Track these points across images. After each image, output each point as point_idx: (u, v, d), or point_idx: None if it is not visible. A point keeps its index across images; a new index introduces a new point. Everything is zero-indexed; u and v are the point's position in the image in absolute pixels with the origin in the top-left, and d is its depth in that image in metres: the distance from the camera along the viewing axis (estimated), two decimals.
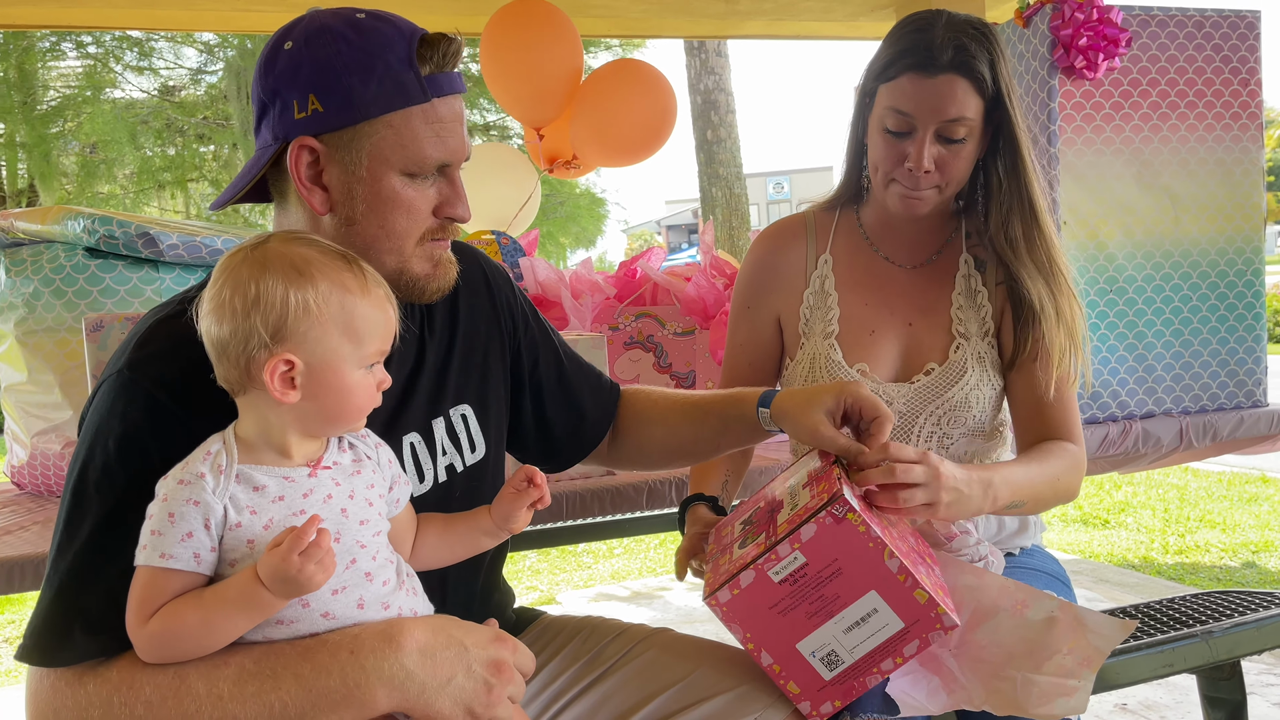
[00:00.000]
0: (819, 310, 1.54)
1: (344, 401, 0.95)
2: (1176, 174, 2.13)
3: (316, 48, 1.03)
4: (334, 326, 0.93)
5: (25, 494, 2.12)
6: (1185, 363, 2.16)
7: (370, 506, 0.98)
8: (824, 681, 1.12)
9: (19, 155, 10.57)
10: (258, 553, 0.89)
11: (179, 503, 0.88)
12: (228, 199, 1.12)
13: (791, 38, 4.34)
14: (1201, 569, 4.07)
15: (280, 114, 1.04)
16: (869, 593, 1.10)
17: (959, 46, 1.34)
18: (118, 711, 0.90)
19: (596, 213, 13.10)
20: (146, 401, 0.96)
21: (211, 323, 0.92)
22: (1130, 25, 2.07)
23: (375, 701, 0.91)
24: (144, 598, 0.89)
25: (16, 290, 2.00)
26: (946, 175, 1.40)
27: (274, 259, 0.93)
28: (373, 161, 1.05)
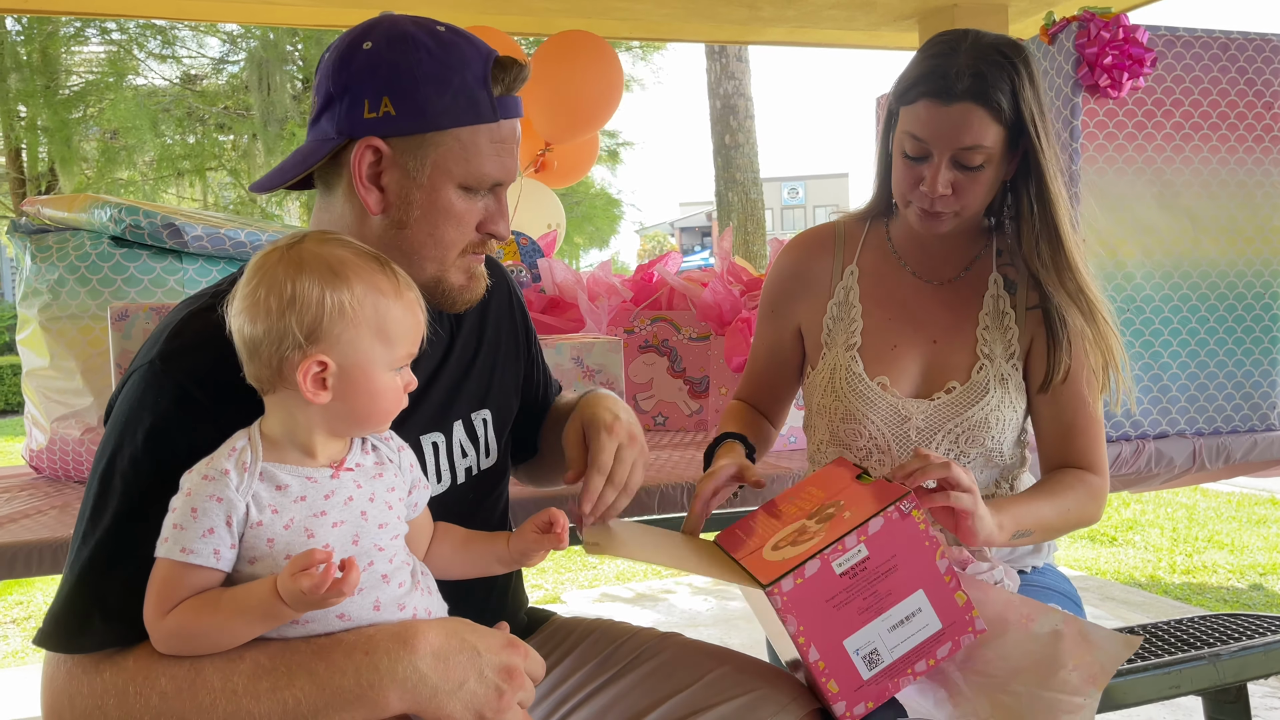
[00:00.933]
0: (842, 321, 1.53)
1: (373, 403, 0.96)
2: (1197, 195, 2.13)
3: (397, 52, 1.05)
4: (367, 329, 0.94)
5: (43, 478, 2.14)
6: (1200, 384, 2.16)
7: (390, 510, 0.99)
8: (862, 681, 1.13)
9: (40, 139, 10.63)
10: (277, 551, 0.90)
11: (202, 498, 0.89)
12: (274, 184, 1.13)
13: (813, 45, 4.35)
14: (1208, 590, 4.06)
15: (348, 110, 1.05)
16: (917, 591, 1.13)
17: (977, 74, 1.32)
18: (133, 701, 0.91)
19: (611, 213, 13.12)
20: (176, 394, 0.97)
21: (244, 321, 0.93)
22: (1155, 45, 2.07)
23: (387, 702, 0.92)
24: (162, 591, 0.90)
25: (41, 276, 2.02)
26: (963, 200, 1.39)
27: (310, 260, 0.93)
28: (435, 171, 1.07)
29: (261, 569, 0.91)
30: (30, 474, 2.19)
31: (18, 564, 1.61)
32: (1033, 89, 1.36)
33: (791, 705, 1.18)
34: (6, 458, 8.26)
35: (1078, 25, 2.01)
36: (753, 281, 2.54)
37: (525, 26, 4.16)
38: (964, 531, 1.23)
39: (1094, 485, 1.46)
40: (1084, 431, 1.47)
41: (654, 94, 62.77)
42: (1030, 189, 1.42)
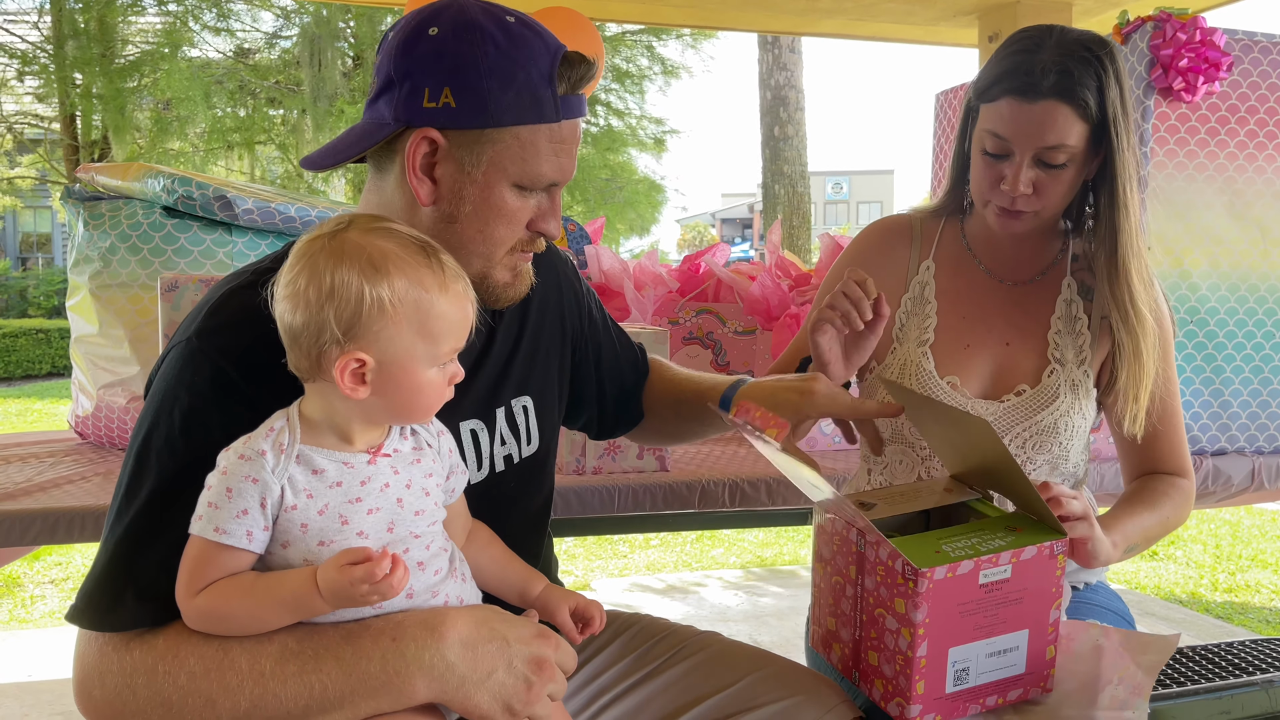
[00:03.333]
0: (916, 317, 1.50)
1: (414, 399, 0.93)
2: (1269, 206, 2.06)
3: (463, 42, 1.01)
4: (408, 326, 0.90)
5: (88, 444, 2.16)
6: (1263, 401, 2.09)
7: (427, 496, 0.97)
8: (943, 693, 1.11)
9: (95, 107, 10.79)
10: (310, 537, 0.89)
11: (238, 478, 0.87)
12: (326, 164, 1.10)
13: (869, 39, 4.29)
14: (1251, 610, 3.97)
15: (407, 97, 1.02)
16: (1023, 630, 1.14)
17: (1063, 71, 1.28)
18: (161, 680, 0.90)
19: (654, 199, 13.08)
20: (213, 372, 0.96)
21: (286, 309, 0.91)
22: (1232, 50, 2.00)
23: (414, 690, 0.91)
24: (194, 569, 0.89)
25: (93, 244, 2.03)
26: (1044, 199, 1.36)
27: (351, 250, 0.89)
28: (490, 168, 1.04)
29: (294, 554, 0.90)
30: (75, 439, 2.22)
31: (60, 529, 1.62)
32: (1118, 87, 1.31)
33: (832, 713, 1.16)
34: (53, 420, 8.42)
35: (1153, 25, 1.95)
36: (801, 276, 2.50)
37: (581, 10, 4.13)
38: (1082, 556, 1.22)
39: (1185, 489, 1.44)
40: (1167, 436, 1.45)
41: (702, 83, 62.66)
42: (1105, 192, 1.38)
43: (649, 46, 11.54)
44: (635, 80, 11.57)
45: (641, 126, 11.96)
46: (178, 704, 0.90)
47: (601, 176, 11.56)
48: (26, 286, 15.33)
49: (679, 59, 12.71)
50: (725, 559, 4.70)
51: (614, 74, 11.48)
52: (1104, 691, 1.16)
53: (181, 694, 0.90)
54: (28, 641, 3.41)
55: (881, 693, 1.14)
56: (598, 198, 11.56)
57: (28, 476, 1.84)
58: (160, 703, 0.90)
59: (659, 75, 11.68)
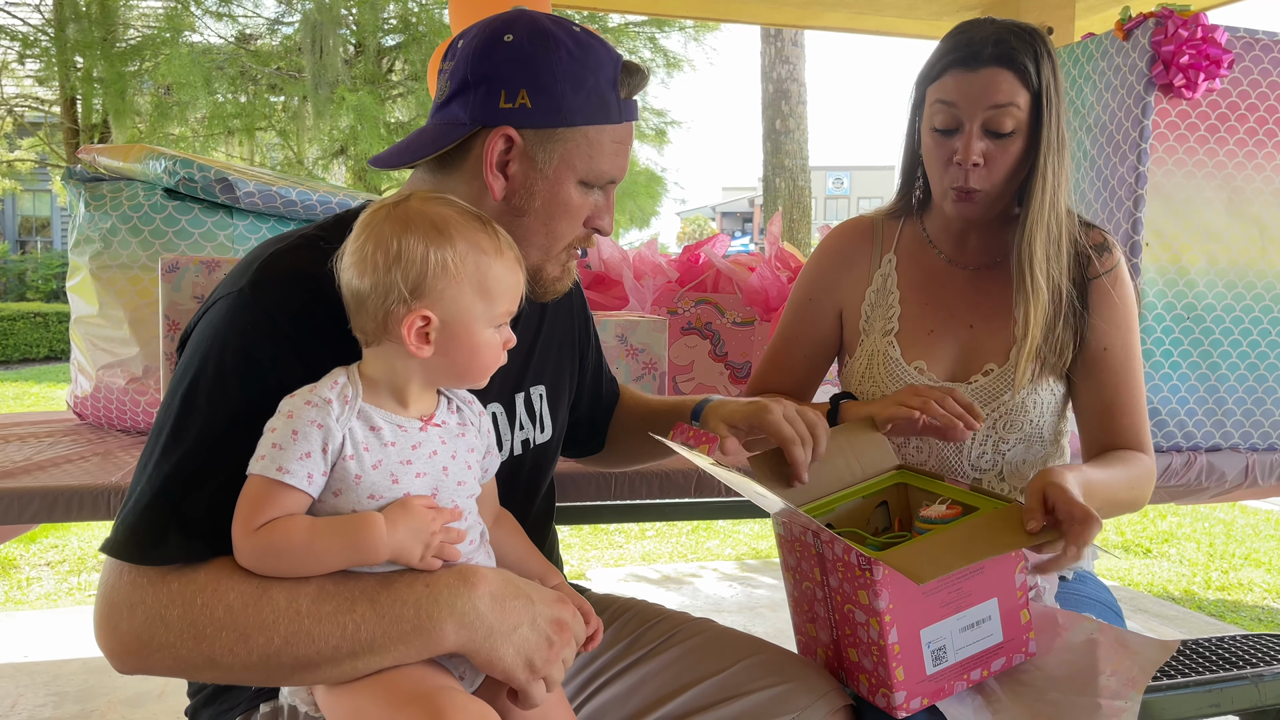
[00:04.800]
0: (879, 308, 1.55)
1: (473, 358, 0.99)
2: (1268, 204, 2.07)
3: (539, 48, 1.10)
4: (469, 285, 0.96)
5: (86, 425, 2.16)
6: (1258, 398, 2.10)
7: (469, 470, 1.02)
8: (924, 675, 1.13)
9: (95, 90, 10.76)
10: (362, 489, 0.93)
11: (304, 422, 0.91)
12: (399, 162, 1.16)
13: (872, 33, 4.29)
14: (1243, 608, 3.99)
15: (484, 98, 1.09)
16: (992, 599, 1.15)
17: (1000, 40, 1.35)
18: (198, 612, 0.91)
19: (654, 191, 13.06)
20: (268, 323, 0.99)
21: (353, 275, 0.96)
22: (1234, 47, 2.00)
23: (444, 636, 0.93)
24: (254, 507, 0.91)
25: (94, 225, 2.03)
26: (994, 171, 1.39)
27: (415, 218, 0.96)
28: (561, 165, 1.12)
29: (344, 503, 0.93)
30: (74, 420, 2.22)
31: (58, 508, 1.63)
32: (1051, 64, 1.37)
33: (823, 700, 1.17)
34: (51, 403, 8.43)
35: (1155, 22, 1.95)
36: (800, 268, 2.50)
37: (583, 1, 4.13)
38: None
39: (1146, 464, 1.45)
40: (1126, 410, 1.46)
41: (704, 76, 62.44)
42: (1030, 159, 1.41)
43: (651, 38, 11.51)
44: None
45: (643, 118, 11.94)
46: (210, 636, 0.91)
47: None
48: (25, 270, 15.31)
49: (681, 51, 12.69)
50: (720, 550, 4.71)
51: None
52: (1095, 681, 1.17)
53: (216, 627, 0.91)
54: (23, 623, 3.42)
55: (867, 687, 1.15)
56: None
57: (26, 455, 1.85)
58: (192, 635, 0.91)
59: (661, 68, 11.66)
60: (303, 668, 0.93)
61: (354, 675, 0.93)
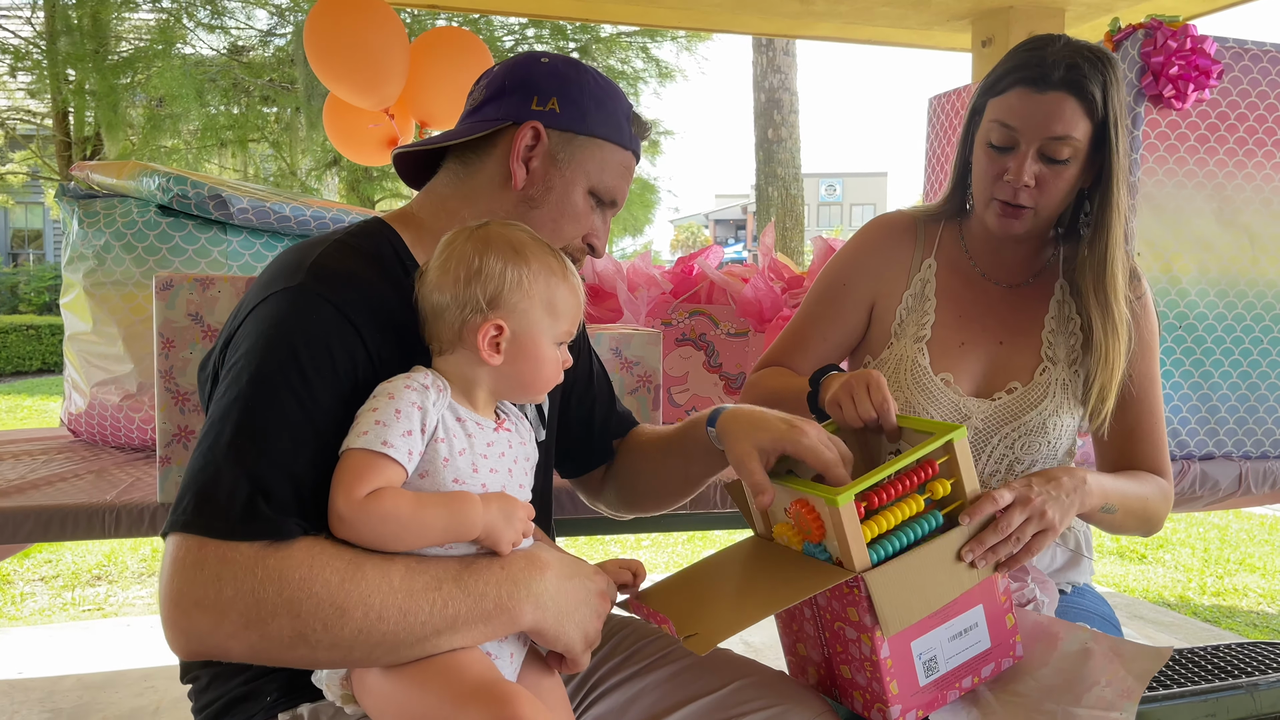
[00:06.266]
0: (915, 313, 1.52)
1: (538, 370, 1.08)
2: (1258, 213, 2.08)
3: (572, 70, 1.25)
4: (539, 302, 1.06)
5: (80, 442, 2.16)
6: (1250, 406, 2.11)
7: (526, 474, 1.11)
8: (918, 687, 1.13)
9: (87, 103, 10.74)
10: (447, 473, 1.00)
11: (406, 402, 0.98)
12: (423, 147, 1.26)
13: (864, 42, 4.30)
14: (1239, 613, 3.99)
15: (519, 101, 1.22)
16: (977, 606, 1.17)
17: (1073, 65, 1.32)
18: (295, 589, 0.92)
19: (648, 199, 13.08)
20: (333, 312, 1.04)
21: (434, 289, 1.05)
22: (1223, 58, 2.02)
23: (523, 615, 1.01)
24: (358, 476, 0.95)
25: (88, 242, 2.03)
26: (1045, 195, 1.38)
27: (495, 239, 1.06)
28: (576, 168, 1.23)
29: (429, 484, 1.00)
30: (68, 437, 2.22)
31: (53, 527, 1.62)
32: (1119, 93, 1.35)
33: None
34: (44, 416, 8.39)
35: (1144, 33, 1.97)
36: (794, 279, 2.51)
37: (576, 12, 4.14)
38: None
39: (1165, 487, 1.46)
40: (1146, 436, 1.47)
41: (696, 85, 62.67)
42: (1098, 197, 1.40)
43: (644, 48, 11.54)
44: (630, 82, 11.57)
45: None
46: (308, 612, 0.93)
47: None
48: (17, 282, 15.27)
49: (674, 61, 12.73)
50: None
51: (608, 75, 11.48)
52: (1090, 691, 1.17)
53: (314, 602, 0.93)
54: (18, 639, 3.40)
55: (862, 703, 1.15)
56: None
57: (20, 474, 1.84)
58: (289, 611, 0.92)
59: (654, 78, 11.69)
60: (390, 644, 0.95)
61: (427, 654, 0.97)
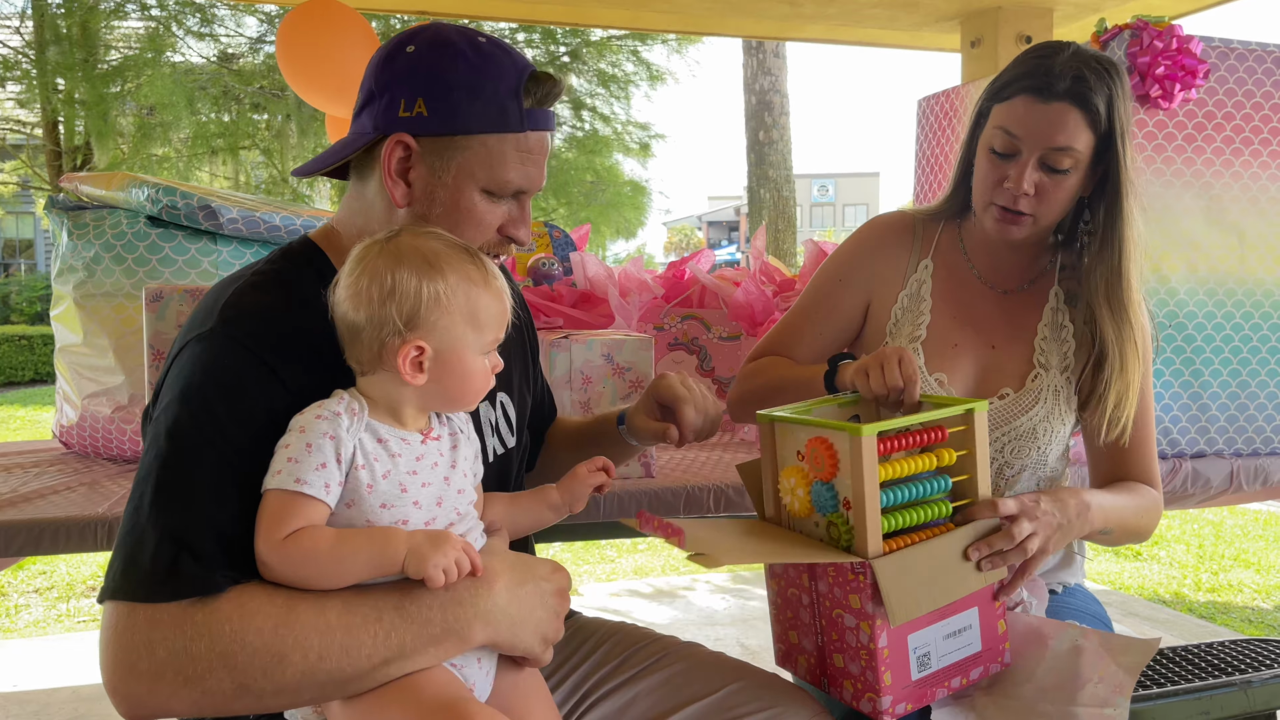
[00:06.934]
0: (910, 313, 1.53)
1: (465, 384, 1.03)
2: (1246, 211, 2.09)
3: (436, 57, 1.11)
4: (460, 316, 1.01)
5: (72, 454, 2.15)
6: (1241, 404, 2.12)
7: (466, 477, 1.07)
8: (909, 681, 1.14)
9: (77, 112, 10.71)
10: (374, 498, 0.97)
11: (316, 435, 0.95)
12: (314, 170, 1.19)
13: (854, 44, 4.31)
14: (1233, 609, 4.00)
15: (386, 108, 1.11)
16: (972, 608, 1.18)
17: (1079, 77, 1.33)
18: (226, 641, 0.91)
19: (639, 202, 13.07)
20: (245, 355, 1.01)
21: (348, 309, 1.00)
22: (1209, 57, 2.02)
23: (472, 636, 0.98)
24: (276, 518, 0.94)
25: (78, 254, 2.03)
26: (1045, 204, 1.39)
27: (407, 252, 1.00)
28: (459, 173, 1.12)
29: (356, 513, 0.97)
30: (60, 449, 2.21)
31: (45, 540, 1.62)
32: (1124, 105, 1.36)
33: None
34: (36, 426, 8.37)
35: (1130, 34, 1.97)
36: (785, 282, 2.51)
37: (565, 16, 4.14)
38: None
39: (1154, 497, 1.47)
40: (1140, 448, 1.48)
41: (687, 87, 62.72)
42: (1104, 207, 1.41)
43: (634, 51, 11.54)
44: (621, 85, 11.57)
45: (627, 132, 11.97)
46: (244, 663, 0.92)
47: (586, 180, 11.56)
48: (9, 292, 15.21)
49: (664, 64, 12.74)
50: None
51: (599, 78, 11.48)
52: (1084, 689, 1.18)
53: (249, 652, 0.92)
54: (12, 651, 3.39)
55: (852, 692, 1.16)
56: (581, 201, 11.55)
57: (12, 487, 1.84)
58: (224, 664, 0.91)
59: (644, 81, 11.69)
60: (338, 681, 0.94)
61: (381, 683, 0.95)
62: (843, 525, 1.14)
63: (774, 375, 1.54)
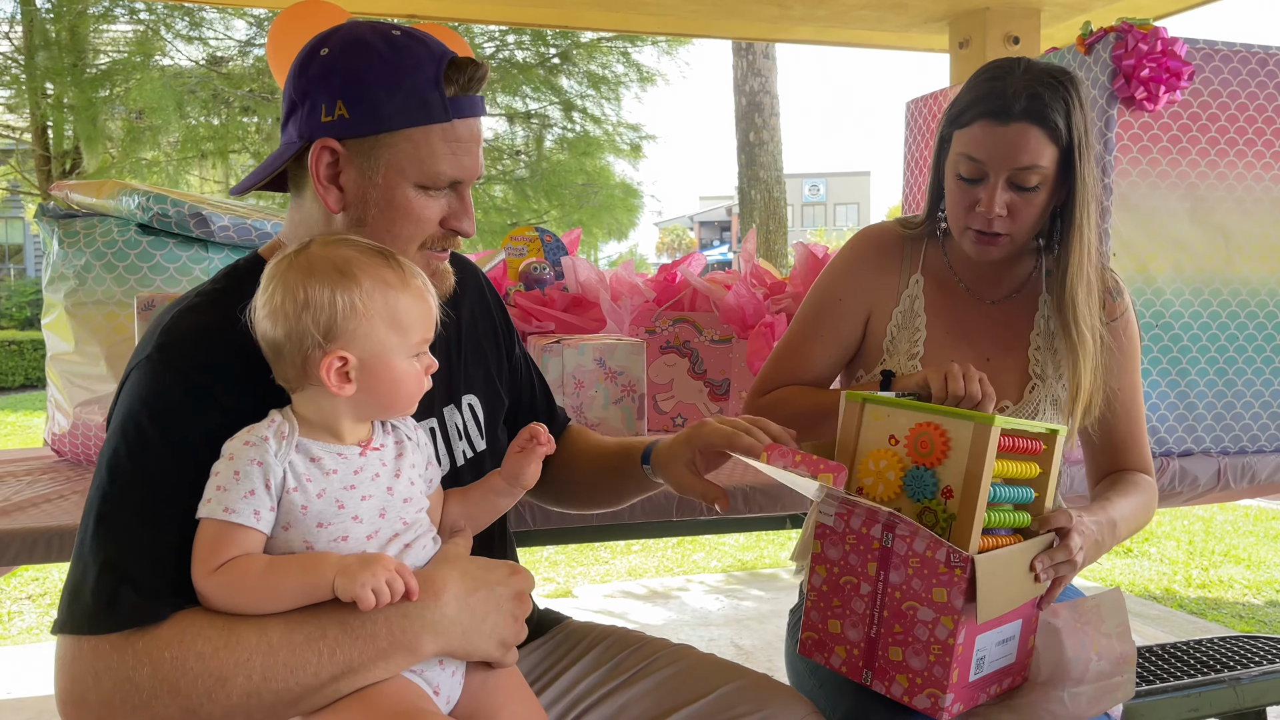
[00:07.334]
0: (906, 330, 1.53)
1: (396, 390, 1.01)
2: (1231, 211, 2.10)
3: (350, 57, 1.09)
4: (380, 321, 0.99)
5: (64, 462, 2.15)
6: (1228, 402, 2.13)
7: (412, 485, 1.04)
8: (968, 680, 1.14)
9: (66, 117, 10.68)
10: (310, 518, 0.95)
11: (244, 461, 0.94)
12: (247, 186, 1.18)
13: (842, 44, 4.32)
14: (1224, 605, 4.03)
15: (308, 114, 1.10)
16: (1018, 619, 1.19)
17: (1034, 95, 1.33)
18: (169, 667, 0.92)
19: (631, 204, 13.08)
20: (181, 380, 1.00)
21: (267, 326, 0.98)
22: (1193, 59, 2.04)
23: (421, 648, 0.97)
24: (209, 549, 0.93)
25: (68, 262, 2.03)
26: (1018, 222, 1.40)
27: (318, 262, 0.99)
28: (389, 170, 1.10)
29: (294, 535, 0.96)
30: (52, 457, 2.21)
31: (38, 549, 1.62)
32: (1083, 113, 1.37)
33: None
34: (27, 433, 8.34)
35: (1115, 36, 1.99)
36: (776, 285, 2.52)
37: (554, 19, 4.15)
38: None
39: (1151, 486, 1.50)
40: (1134, 445, 1.52)
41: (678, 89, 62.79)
42: (1063, 217, 1.43)
43: (624, 53, 11.55)
44: (611, 86, 11.58)
45: (618, 133, 11.97)
46: (186, 687, 0.92)
47: (578, 182, 11.56)
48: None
49: (654, 65, 12.74)
50: (706, 563, 4.72)
51: (590, 80, 11.48)
52: (1087, 669, 1.19)
53: (191, 677, 0.92)
54: (6, 658, 3.38)
55: (906, 687, 1.13)
56: (574, 203, 11.56)
57: (4, 496, 1.84)
58: (167, 690, 0.92)
59: (635, 82, 11.70)
60: (287, 700, 0.94)
61: (337, 696, 0.95)
62: (940, 512, 1.12)
63: (807, 403, 1.52)
